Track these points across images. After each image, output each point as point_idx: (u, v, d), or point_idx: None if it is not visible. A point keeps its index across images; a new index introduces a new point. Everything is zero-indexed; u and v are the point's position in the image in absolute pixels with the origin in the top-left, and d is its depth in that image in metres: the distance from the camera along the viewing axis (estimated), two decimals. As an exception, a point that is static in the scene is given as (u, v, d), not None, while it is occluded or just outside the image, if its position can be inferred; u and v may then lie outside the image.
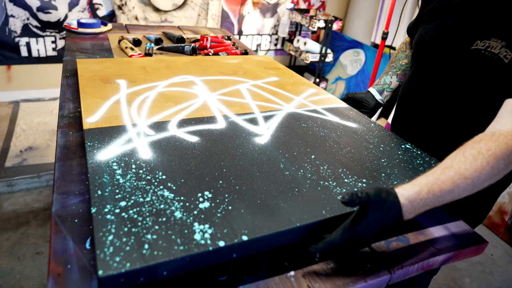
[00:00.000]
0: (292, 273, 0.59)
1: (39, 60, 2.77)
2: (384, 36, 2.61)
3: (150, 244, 0.53)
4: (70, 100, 1.03)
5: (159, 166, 0.72)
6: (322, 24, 3.09)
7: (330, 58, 3.32)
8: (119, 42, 1.56)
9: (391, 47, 2.92)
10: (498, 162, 0.63)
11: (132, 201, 0.61)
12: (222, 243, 0.55)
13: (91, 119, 0.87)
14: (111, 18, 2.85)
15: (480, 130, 0.72)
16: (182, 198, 0.63)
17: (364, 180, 0.76)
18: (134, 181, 0.67)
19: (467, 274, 1.84)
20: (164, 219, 0.58)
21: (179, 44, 1.57)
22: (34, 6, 2.57)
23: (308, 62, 3.27)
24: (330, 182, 0.73)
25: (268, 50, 3.67)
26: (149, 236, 0.54)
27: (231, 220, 0.60)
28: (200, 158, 0.76)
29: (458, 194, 0.62)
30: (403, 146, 0.92)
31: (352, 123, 1.02)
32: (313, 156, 0.82)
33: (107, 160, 0.72)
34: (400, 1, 2.76)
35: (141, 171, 0.70)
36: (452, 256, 0.69)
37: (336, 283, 0.58)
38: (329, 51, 3.29)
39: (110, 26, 1.83)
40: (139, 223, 0.57)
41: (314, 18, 3.10)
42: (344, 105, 1.14)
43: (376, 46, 3.25)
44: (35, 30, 2.66)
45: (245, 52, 1.64)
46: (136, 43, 1.57)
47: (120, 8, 2.81)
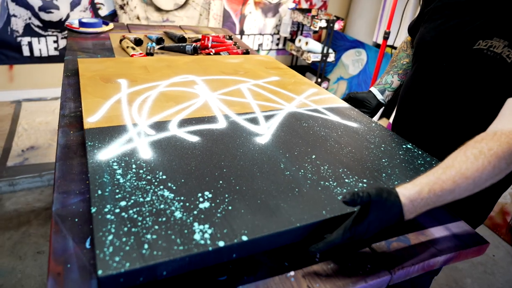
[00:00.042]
0: (292, 273, 0.59)
1: (41, 59, 2.78)
2: (386, 36, 2.60)
3: (149, 244, 0.53)
4: (71, 100, 1.03)
5: (160, 166, 0.72)
6: (323, 23, 3.09)
7: (331, 58, 3.32)
8: (121, 41, 1.56)
9: (393, 47, 2.92)
10: (500, 161, 0.63)
11: (132, 201, 0.61)
12: (221, 243, 0.55)
13: (92, 119, 0.87)
14: (112, 17, 2.85)
15: (481, 130, 0.71)
16: (182, 198, 0.63)
17: (364, 180, 0.75)
18: (134, 181, 0.67)
19: (469, 275, 1.83)
20: (164, 219, 0.58)
21: (180, 44, 1.57)
22: (36, 6, 2.57)
23: (310, 62, 3.27)
24: (331, 182, 0.73)
25: (270, 50, 3.66)
26: (148, 236, 0.54)
27: (231, 220, 0.60)
28: (200, 158, 0.76)
29: (459, 193, 0.62)
30: (404, 146, 0.91)
31: (353, 123, 1.01)
32: (313, 156, 0.82)
33: (108, 160, 0.72)
34: (402, 0, 2.76)
35: (141, 171, 0.70)
36: (453, 256, 0.69)
37: (336, 284, 0.58)
38: (330, 51, 3.29)
39: (111, 25, 1.83)
40: (139, 223, 0.57)
41: (316, 17, 3.10)
42: (345, 104, 1.14)
43: (378, 46, 3.24)
44: (37, 29, 2.66)
45: (246, 52, 1.64)
46: (138, 42, 1.57)
47: (121, 7, 2.81)
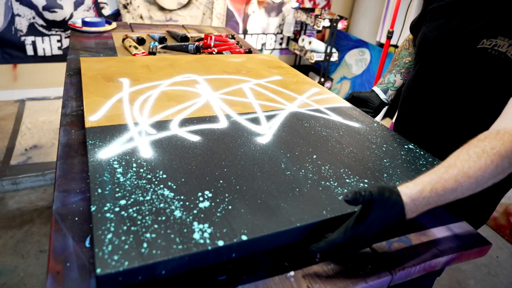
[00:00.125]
0: (292, 273, 0.59)
1: (45, 59, 2.79)
2: (389, 35, 2.60)
3: (149, 243, 0.53)
4: (73, 99, 1.03)
5: (160, 165, 0.72)
6: (327, 23, 3.08)
7: (335, 57, 3.31)
8: (123, 40, 1.56)
9: (397, 46, 2.90)
10: (503, 160, 0.62)
11: (132, 199, 0.61)
12: (221, 243, 0.54)
13: (93, 118, 0.87)
14: (116, 17, 2.86)
15: (485, 129, 0.71)
16: (182, 197, 0.63)
17: (366, 181, 0.75)
18: (134, 179, 0.67)
19: (472, 276, 1.82)
20: (163, 218, 0.58)
21: (183, 43, 1.57)
22: (40, 5, 2.58)
23: (313, 62, 3.26)
24: (332, 182, 0.73)
25: (273, 49, 3.66)
26: (148, 235, 0.54)
27: (231, 219, 0.59)
28: (201, 158, 0.76)
29: (461, 193, 0.61)
30: (406, 146, 0.91)
31: (355, 123, 1.01)
32: (314, 156, 0.82)
33: (108, 159, 0.72)
34: (405, 0, 2.75)
35: (141, 170, 0.69)
36: (455, 257, 0.68)
37: (336, 284, 0.58)
38: (334, 50, 3.28)
39: (114, 25, 1.83)
40: (139, 222, 0.57)
41: (319, 17, 3.09)
42: (347, 104, 1.13)
43: (382, 46, 3.23)
44: (40, 29, 2.67)
45: (249, 51, 1.63)
46: (140, 41, 1.57)
47: (125, 7, 2.82)
